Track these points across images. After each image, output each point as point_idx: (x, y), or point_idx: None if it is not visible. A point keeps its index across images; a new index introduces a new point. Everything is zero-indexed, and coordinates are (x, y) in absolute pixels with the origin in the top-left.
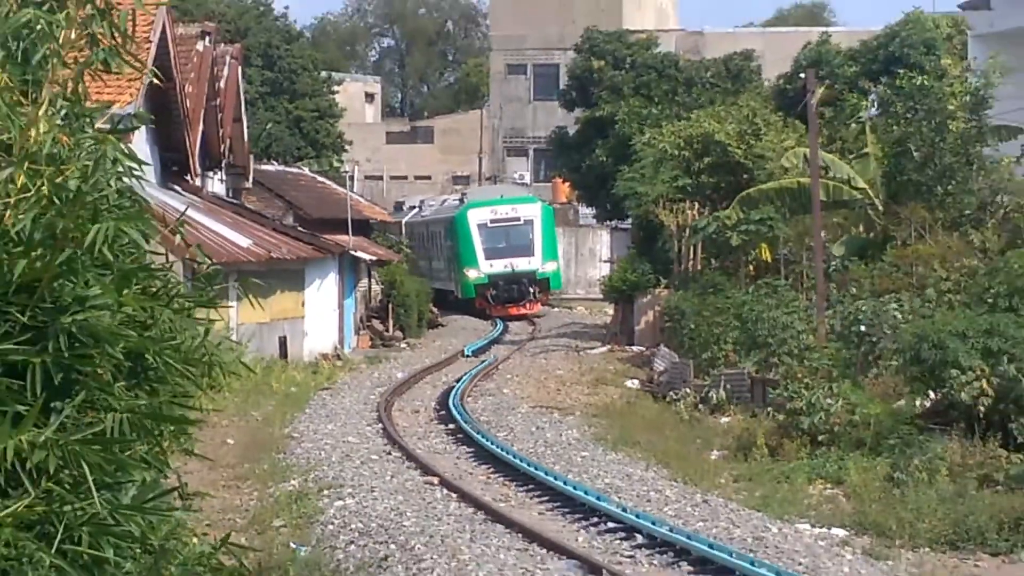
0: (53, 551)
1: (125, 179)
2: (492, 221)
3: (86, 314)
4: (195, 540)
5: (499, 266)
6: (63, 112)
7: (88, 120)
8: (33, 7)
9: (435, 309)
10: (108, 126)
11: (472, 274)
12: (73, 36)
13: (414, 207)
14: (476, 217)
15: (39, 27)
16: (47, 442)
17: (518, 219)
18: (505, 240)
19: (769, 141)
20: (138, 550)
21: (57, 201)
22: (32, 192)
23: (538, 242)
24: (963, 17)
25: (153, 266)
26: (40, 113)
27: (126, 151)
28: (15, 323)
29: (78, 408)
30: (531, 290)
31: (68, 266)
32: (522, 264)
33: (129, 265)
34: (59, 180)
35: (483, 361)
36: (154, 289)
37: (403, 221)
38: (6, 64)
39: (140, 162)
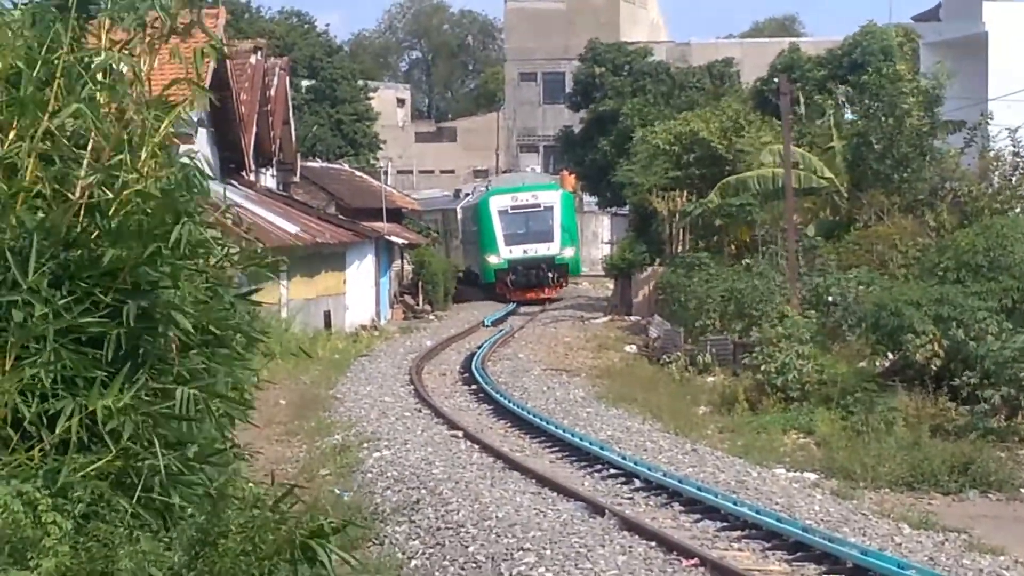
0: (133, 500)
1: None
2: (512, 208)
3: (157, 294)
4: (251, 486)
5: (518, 252)
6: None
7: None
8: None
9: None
10: (175, 130)
11: (492, 259)
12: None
13: (468, 194)
14: (497, 204)
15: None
16: (125, 408)
17: (538, 206)
18: (525, 226)
19: (749, 137)
20: (201, 495)
21: (141, 202)
22: (118, 197)
23: (557, 228)
24: (914, 28)
25: (213, 251)
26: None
27: (200, 167)
28: (97, 302)
29: (151, 375)
30: (550, 275)
31: (151, 257)
32: (541, 250)
33: (195, 255)
34: (142, 187)
35: (501, 330)
36: (207, 273)
37: (457, 207)
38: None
39: (209, 177)
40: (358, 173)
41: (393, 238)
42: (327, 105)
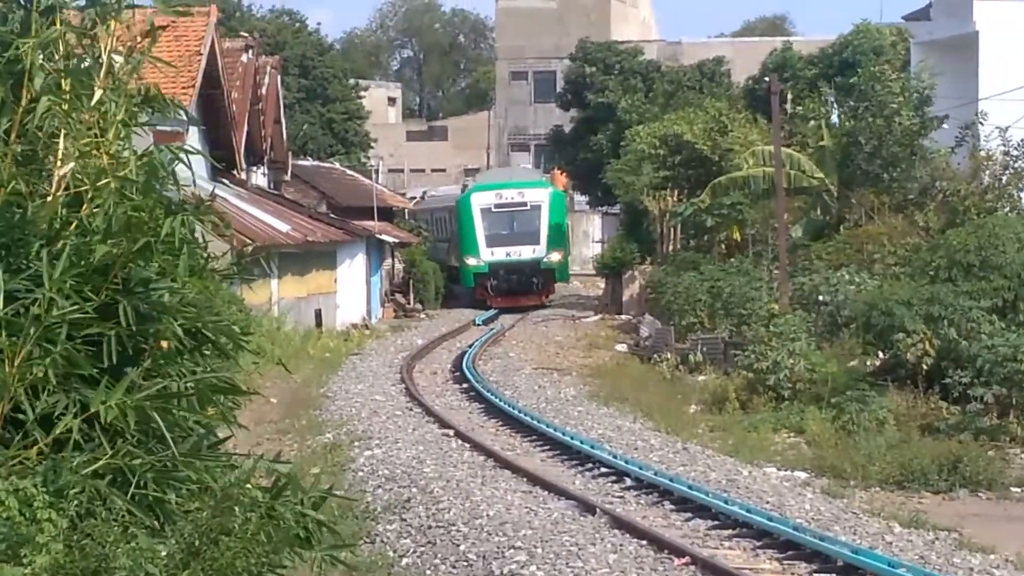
0: (128, 497)
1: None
2: (496, 206)
3: (150, 293)
4: (249, 486)
5: (501, 254)
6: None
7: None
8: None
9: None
10: (168, 128)
11: (472, 262)
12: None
13: (435, 194)
14: (479, 201)
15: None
16: (124, 406)
17: (524, 204)
18: (509, 226)
19: (736, 136)
20: (196, 490)
21: (125, 196)
22: (100, 186)
23: (544, 229)
24: (906, 27)
25: (202, 250)
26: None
27: (181, 149)
28: (91, 300)
29: (144, 375)
30: (534, 281)
31: (141, 252)
32: (526, 252)
33: (188, 251)
34: (123, 174)
35: (491, 329)
36: (193, 266)
37: (417, 208)
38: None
39: (197, 152)
40: (349, 172)
41: (384, 237)
42: (318, 104)
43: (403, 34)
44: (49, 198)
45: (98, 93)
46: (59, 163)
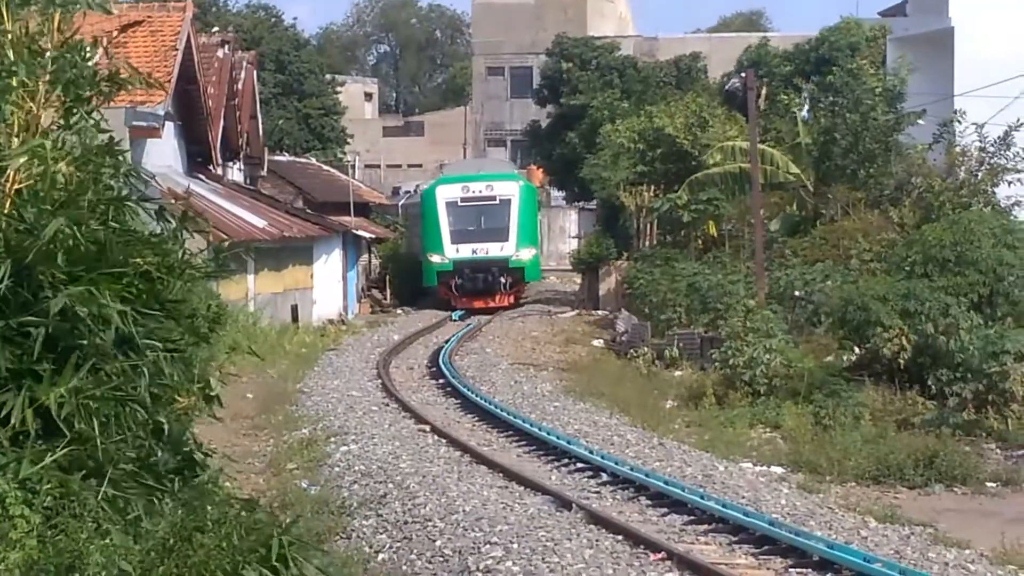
0: (99, 495)
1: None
2: (463, 200)
3: (73, 290)
4: (226, 484)
5: (466, 251)
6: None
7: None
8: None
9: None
10: (144, 124)
11: (435, 259)
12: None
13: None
14: (445, 194)
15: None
16: (72, 394)
17: (493, 199)
18: (476, 221)
19: (715, 132)
20: (168, 490)
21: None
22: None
23: (514, 225)
24: (885, 23)
25: (155, 240)
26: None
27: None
28: (22, 298)
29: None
30: (502, 280)
31: (42, 253)
32: (494, 250)
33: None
34: (55, 169)
35: (468, 325)
36: (170, 263)
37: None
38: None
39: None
40: (325, 167)
41: (361, 232)
42: (294, 99)
43: (379, 29)
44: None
45: (42, 88)
46: (12, 154)
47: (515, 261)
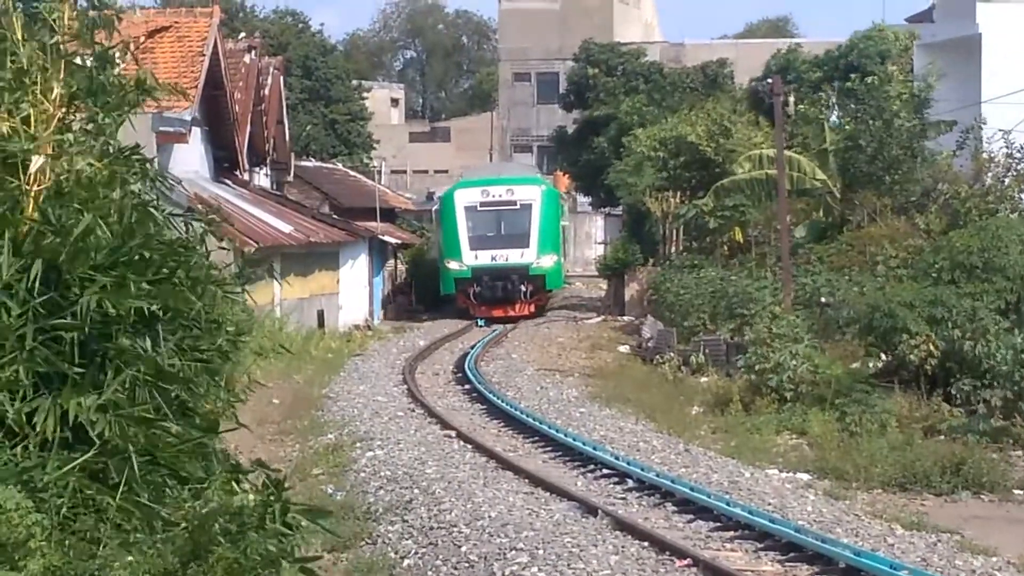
0: (117, 498)
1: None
2: (483, 204)
3: (104, 294)
4: (239, 496)
5: (485, 258)
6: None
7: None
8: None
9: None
10: (170, 129)
11: (454, 266)
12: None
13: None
14: (464, 198)
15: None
16: (99, 405)
17: (514, 203)
18: (496, 227)
19: (739, 138)
20: (186, 497)
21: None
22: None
23: (535, 231)
24: (916, 29)
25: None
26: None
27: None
28: (52, 300)
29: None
30: (522, 288)
31: (74, 253)
32: (514, 256)
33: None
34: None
35: (494, 330)
36: (196, 272)
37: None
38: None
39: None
40: (352, 173)
41: (387, 238)
42: (321, 105)
43: (406, 35)
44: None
45: (56, 88)
46: (32, 157)
47: (536, 268)
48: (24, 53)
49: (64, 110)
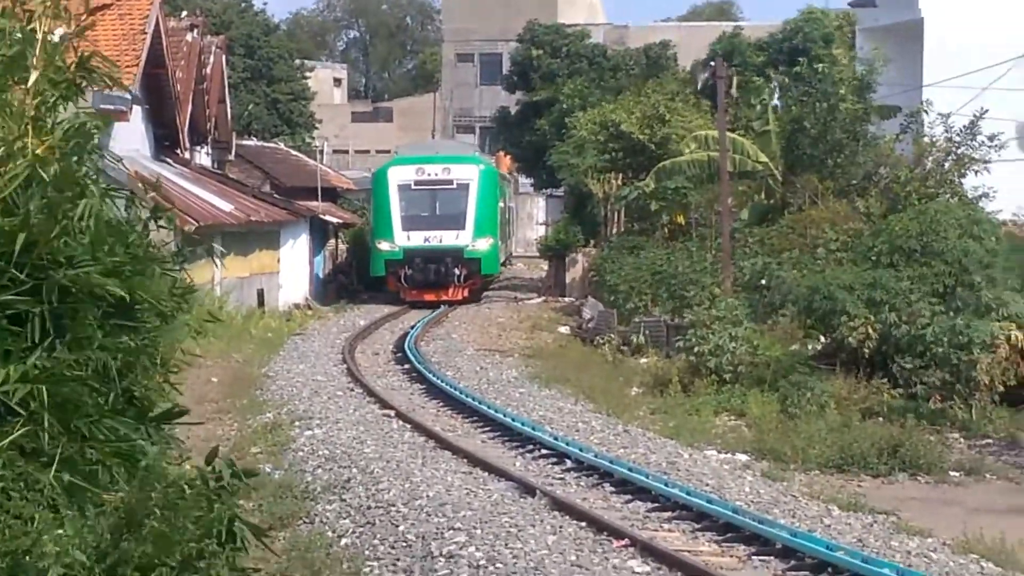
0: (51, 475)
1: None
2: (417, 183)
3: (75, 270)
4: (176, 467)
5: (418, 239)
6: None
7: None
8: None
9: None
10: (111, 107)
11: (385, 247)
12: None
13: None
14: (397, 176)
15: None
16: (27, 376)
17: (450, 182)
18: (430, 207)
19: (677, 122)
20: (123, 472)
21: (43, 174)
22: (17, 165)
23: (471, 212)
24: (853, 12)
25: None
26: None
27: (99, 125)
28: (15, 280)
29: (69, 348)
30: (455, 272)
31: (61, 234)
32: (448, 239)
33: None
34: (40, 151)
35: (434, 310)
36: (139, 249)
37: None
38: None
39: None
40: (294, 152)
41: (328, 217)
42: (263, 84)
43: (349, 15)
44: None
45: (34, 75)
46: None
47: (471, 251)
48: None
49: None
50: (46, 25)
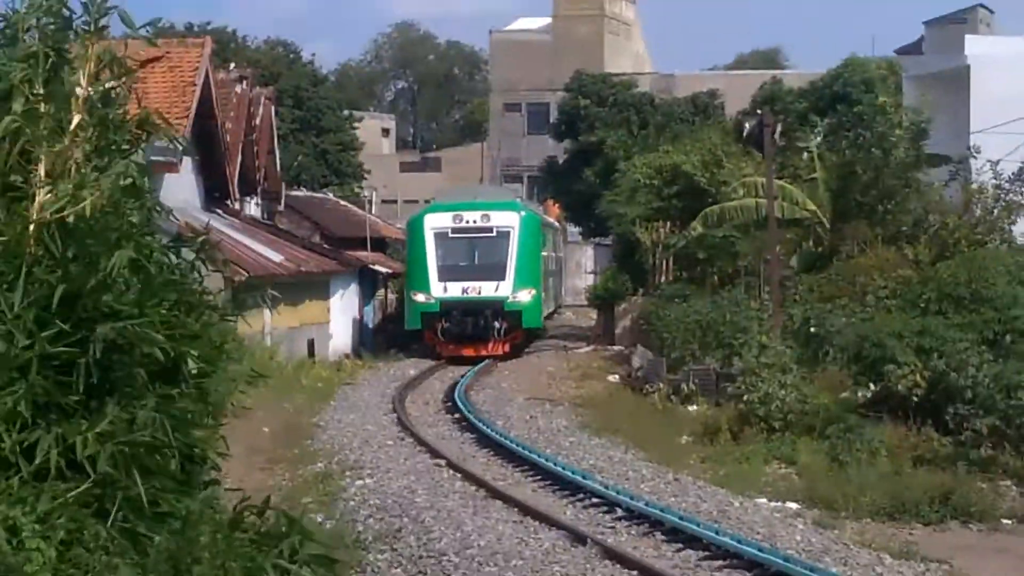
0: (108, 526)
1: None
2: (454, 231)
3: (120, 323)
4: (219, 516)
5: (455, 290)
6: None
7: (117, 149)
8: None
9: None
10: (162, 158)
11: (420, 298)
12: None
13: None
14: (433, 223)
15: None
16: (101, 437)
17: (489, 230)
18: (469, 256)
19: (730, 169)
20: (175, 521)
21: (83, 225)
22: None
23: (511, 261)
24: (898, 61)
25: (180, 280)
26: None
27: (141, 169)
28: (60, 331)
29: (119, 403)
30: (496, 325)
31: (101, 286)
32: (487, 289)
33: (158, 280)
34: (80, 206)
35: (484, 360)
36: (190, 301)
37: None
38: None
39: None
40: (342, 202)
41: (377, 267)
42: (312, 135)
43: (397, 65)
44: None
45: (76, 118)
46: (40, 190)
47: (512, 303)
48: (48, 91)
49: (76, 147)
50: (103, 79)
